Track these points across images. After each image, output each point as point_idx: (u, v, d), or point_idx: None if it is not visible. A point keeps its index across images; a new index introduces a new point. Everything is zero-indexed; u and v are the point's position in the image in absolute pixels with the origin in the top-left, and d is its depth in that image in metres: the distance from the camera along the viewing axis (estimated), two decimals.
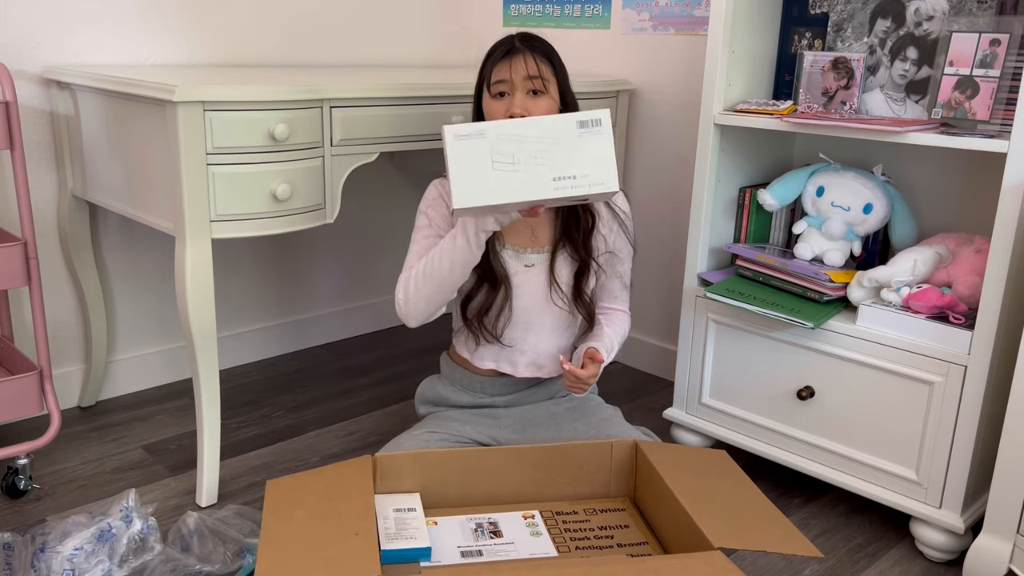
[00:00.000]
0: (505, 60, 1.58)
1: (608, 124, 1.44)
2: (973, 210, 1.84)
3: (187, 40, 2.24)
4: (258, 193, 1.66)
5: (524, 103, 1.58)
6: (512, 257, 1.69)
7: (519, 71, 1.57)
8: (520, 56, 1.58)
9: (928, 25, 1.75)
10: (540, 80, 1.58)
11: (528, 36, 1.62)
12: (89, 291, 2.13)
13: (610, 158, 1.42)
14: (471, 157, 1.39)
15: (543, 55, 1.60)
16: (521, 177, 1.39)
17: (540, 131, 1.41)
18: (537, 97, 1.59)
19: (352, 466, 1.49)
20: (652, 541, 1.48)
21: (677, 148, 2.41)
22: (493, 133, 1.39)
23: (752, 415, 1.90)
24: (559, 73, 1.62)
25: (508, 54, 1.59)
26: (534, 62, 1.58)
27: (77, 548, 1.46)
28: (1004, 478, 1.50)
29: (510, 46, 1.60)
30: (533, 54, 1.58)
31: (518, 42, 1.60)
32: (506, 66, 1.58)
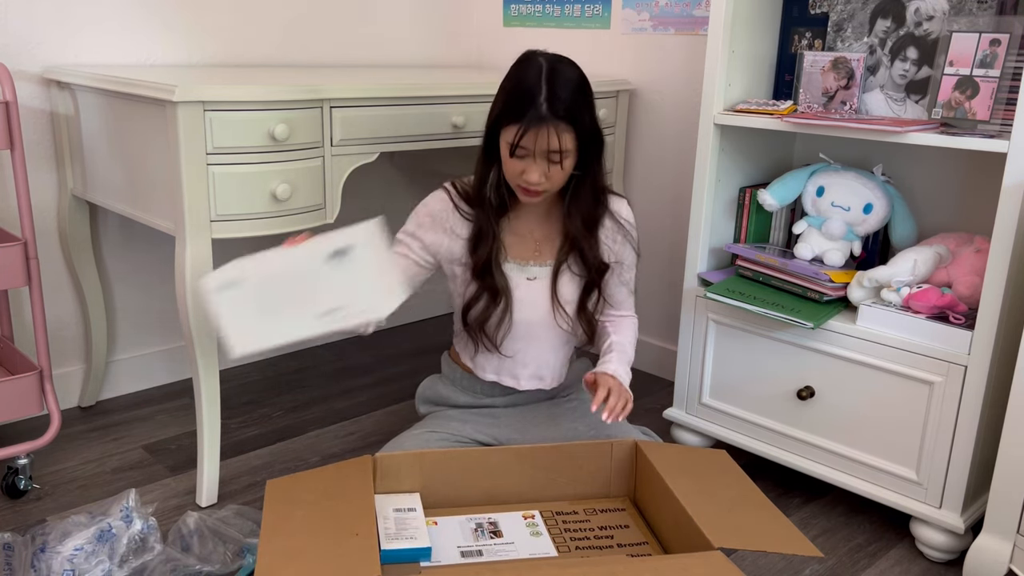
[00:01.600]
0: (529, 130, 1.49)
1: (370, 241, 1.39)
2: (973, 210, 1.84)
3: (187, 40, 2.24)
4: (258, 193, 1.66)
5: (541, 171, 1.54)
6: (514, 270, 1.67)
7: (543, 144, 1.50)
8: (546, 129, 1.49)
9: (928, 25, 1.75)
10: (561, 154, 1.52)
11: (554, 96, 1.49)
12: (89, 291, 2.13)
13: (375, 280, 1.37)
14: (235, 305, 1.34)
15: (568, 122, 1.51)
16: (288, 318, 1.34)
17: (296, 267, 1.35)
18: (554, 165, 1.54)
19: (352, 466, 1.49)
20: (652, 541, 1.48)
21: (677, 148, 2.41)
22: (251, 279, 1.34)
23: (752, 415, 1.90)
24: (581, 132, 1.53)
25: (536, 123, 1.49)
26: (557, 138, 1.50)
27: (77, 548, 1.46)
28: (1004, 478, 1.50)
29: (537, 114, 1.49)
30: (558, 127, 1.49)
31: (545, 107, 1.49)
32: (530, 136, 1.50)
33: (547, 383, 1.76)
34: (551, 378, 1.76)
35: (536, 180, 1.54)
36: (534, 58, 1.55)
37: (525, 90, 1.51)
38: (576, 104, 1.52)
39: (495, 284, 1.65)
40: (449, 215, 1.66)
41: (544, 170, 1.54)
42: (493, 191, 1.63)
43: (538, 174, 1.54)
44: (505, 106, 1.54)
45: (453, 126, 1.99)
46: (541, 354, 1.73)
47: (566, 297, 1.68)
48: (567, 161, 1.55)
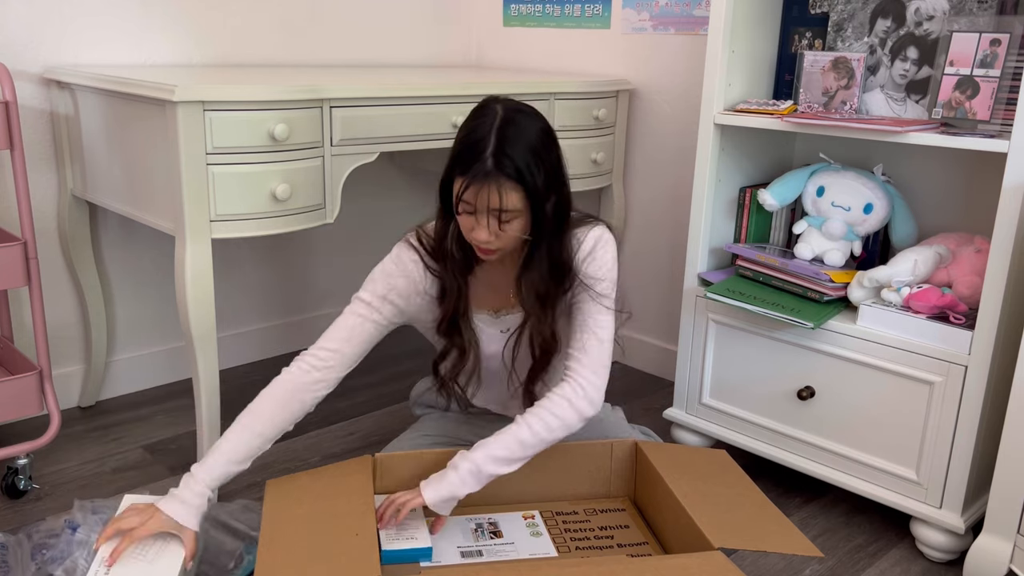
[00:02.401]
0: (473, 185, 1.35)
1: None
2: (973, 210, 1.84)
3: (187, 40, 2.24)
4: (258, 193, 1.66)
5: (488, 232, 1.38)
6: (488, 322, 1.57)
7: (484, 201, 1.35)
8: (488, 186, 1.34)
9: (928, 25, 1.75)
10: (507, 213, 1.36)
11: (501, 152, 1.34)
12: (89, 291, 2.13)
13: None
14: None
15: (515, 179, 1.35)
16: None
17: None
18: (504, 224, 1.38)
19: (352, 466, 1.49)
20: (652, 541, 1.48)
21: (677, 148, 2.41)
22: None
23: (752, 415, 1.90)
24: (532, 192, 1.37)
25: (481, 178, 1.34)
26: (499, 197, 1.34)
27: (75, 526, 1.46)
28: (1004, 478, 1.50)
29: (482, 169, 1.34)
30: (503, 186, 1.34)
31: (490, 162, 1.34)
32: (472, 191, 1.35)
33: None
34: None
35: (484, 239, 1.39)
36: (491, 106, 1.41)
37: (474, 142, 1.36)
38: (527, 161, 1.35)
39: (463, 341, 1.54)
40: (421, 275, 1.52)
41: (493, 229, 1.38)
42: (455, 244, 1.48)
43: (485, 233, 1.38)
44: (454, 157, 1.40)
45: (453, 126, 1.98)
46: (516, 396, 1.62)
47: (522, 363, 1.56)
48: (515, 222, 1.39)
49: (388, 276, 1.52)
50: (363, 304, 1.52)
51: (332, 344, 1.53)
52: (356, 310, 1.52)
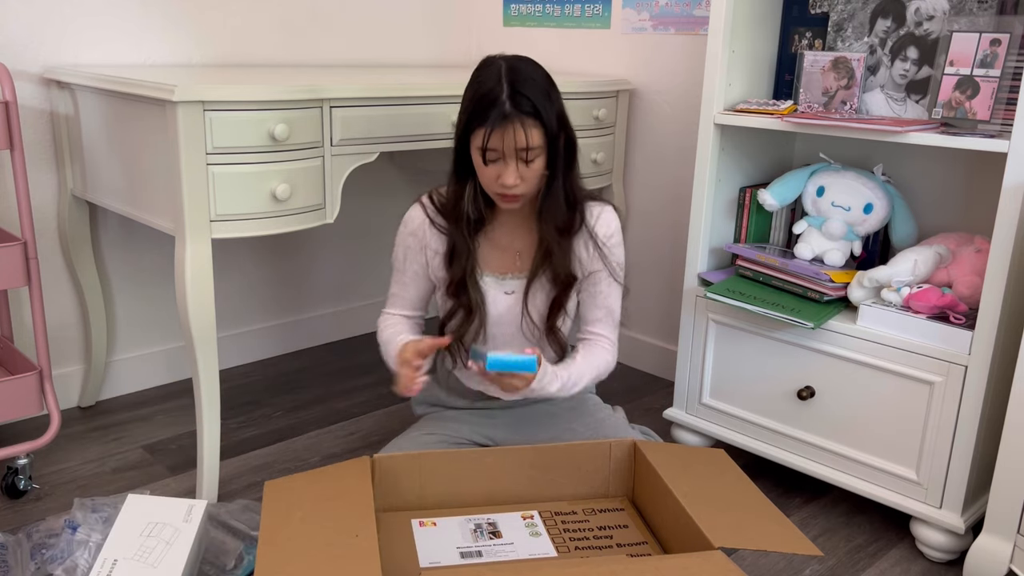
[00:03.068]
0: (496, 130, 1.47)
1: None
2: (973, 210, 1.84)
3: (187, 40, 2.24)
4: (258, 193, 1.66)
5: (516, 173, 1.51)
6: (492, 284, 1.65)
7: (511, 143, 1.48)
8: (512, 127, 1.47)
9: (928, 25, 1.75)
10: (531, 150, 1.50)
11: (516, 91, 1.47)
12: (89, 291, 2.13)
13: None
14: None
15: (534, 117, 1.48)
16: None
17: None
18: (529, 164, 1.51)
19: (351, 467, 1.48)
20: (651, 541, 1.48)
21: (677, 148, 2.41)
22: None
23: (752, 415, 1.90)
24: (549, 127, 1.51)
25: (501, 121, 1.47)
26: (524, 135, 1.48)
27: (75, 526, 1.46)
28: (1004, 478, 1.50)
29: (501, 112, 1.47)
30: (524, 123, 1.47)
31: (508, 105, 1.47)
32: (497, 136, 1.48)
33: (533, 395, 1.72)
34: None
35: (512, 182, 1.50)
36: (493, 62, 1.53)
37: (486, 93, 1.48)
38: (539, 99, 1.49)
39: (470, 301, 1.62)
40: (426, 231, 1.65)
41: (518, 171, 1.51)
42: (471, 204, 1.60)
43: (513, 176, 1.50)
44: (470, 113, 1.51)
45: (453, 126, 1.98)
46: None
47: (537, 311, 1.64)
48: (538, 159, 1.52)
49: (402, 240, 1.68)
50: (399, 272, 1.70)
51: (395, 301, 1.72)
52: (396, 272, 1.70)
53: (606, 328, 1.68)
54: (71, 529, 1.49)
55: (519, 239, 1.66)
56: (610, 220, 1.65)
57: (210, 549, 1.54)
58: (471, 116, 1.51)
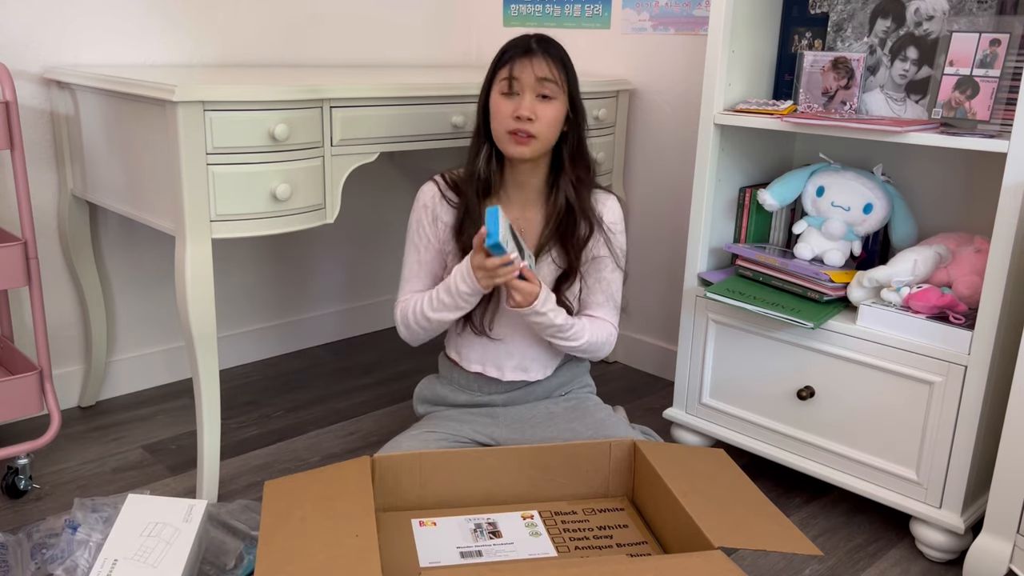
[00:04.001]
0: (520, 59, 1.58)
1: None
2: (973, 210, 1.84)
3: (187, 40, 2.24)
4: (258, 193, 1.66)
5: (533, 106, 1.58)
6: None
7: (532, 72, 1.57)
8: (535, 57, 1.58)
9: (928, 25, 1.75)
10: (553, 84, 1.58)
11: (545, 39, 1.62)
12: (89, 291, 2.13)
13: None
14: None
15: (558, 60, 1.60)
16: None
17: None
18: (546, 101, 1.59)
19: (351, 467, 1.48)
20: (651, 541, 1.48)
21: (677, 148, 2.41)
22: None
23: (752, 415, 1.90)
24: (571, 81, 1.62)
25: (524, 54, 1.58)
26: (547, 66, 1.57)
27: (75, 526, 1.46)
28: (1004, 478, 1.50)
29: (527, 47, 1.59)
30: (548, 57, 1.58)
31: (535, 43, 1.59)
32: (520, 65, 1.58)
33: (532, 375, 1.75)
34: (536, 370, 1.75)
35: (527, 112, 1.56)
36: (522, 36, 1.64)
37: (515, 42, 1.61)
38: (564, 55, 1.62)
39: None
40: (438, 204, 1.71)
41: (535, 107, 1.57)
42: (484, 164, 1.67)
43: (529, 106, 1.56)
44: (496, 63, 1.62)
45: (453, 126, 1.98)
46: (527, 342, 1.73)
47: (544, 278, 1.68)
48: (555, 103, 1.59)
49: (416, 214, 1.73)
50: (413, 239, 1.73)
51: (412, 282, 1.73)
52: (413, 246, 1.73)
53: (607, 313, 1.73)
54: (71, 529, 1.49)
55: (524, 214, 1.71)
56: (615, 208, 1.73)
57: (210, 549, 1.54)
58: (497, 63, 1.62)
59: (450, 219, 1.70)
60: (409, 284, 1.74)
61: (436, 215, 1.71)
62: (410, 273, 1.74)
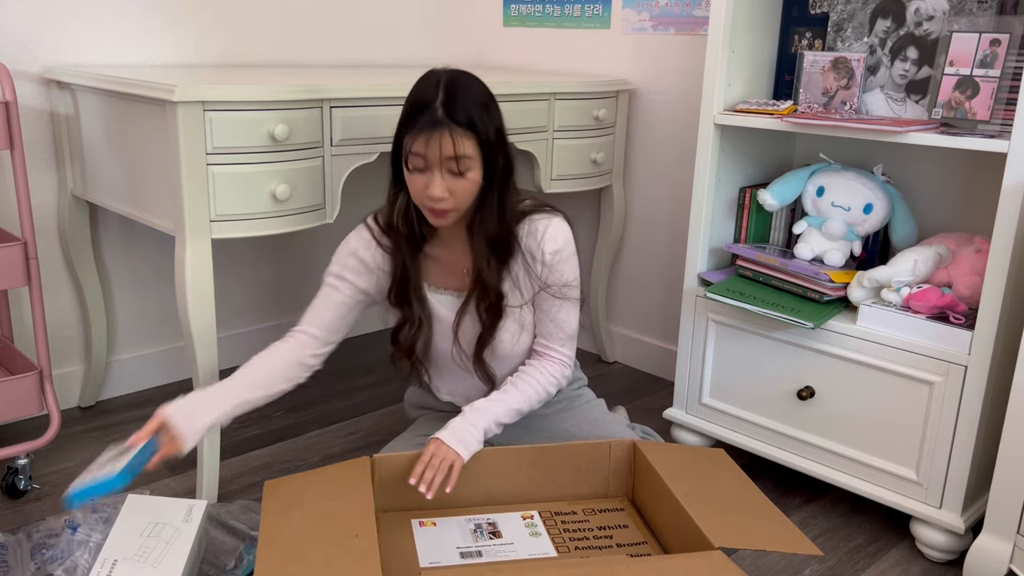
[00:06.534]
0: (426, 134, 1.40)
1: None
2: (973, 210, 1.84)
3: (187, 40, 2.24)
4: (258, 193, 1.66)
5: (443, 184, 1.42)
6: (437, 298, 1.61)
7: (437, 151, 1.40)
8: (439, 134, 1.39)
9: (928, 25, 1.75)
10: (462, 160, 1.42)
11: (451, 99, 1.41)
12: (89, 291, 2.13)
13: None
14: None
15: (467, 127, 1.41)
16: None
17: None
18: (458, 176, 1.43)
19: (350, 467, 1.48)
20: (651, 541, 1.48)
21: (677, 148, 2.41)
22: None
23: (752, 415, 1.90)
24: (485, 139, 1.43)
25: (431, 127, 1.40)
26: (451, 143, 1.40)
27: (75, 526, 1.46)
28: (1004, 478, 1.50)
29: (432, 119, 1.40)
30: (454, 132, 1.39)
31: (441, 111, 1.40)
32: (423, 141, 1.40)
33: None
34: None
35: (439, 194, 1.42)
36: (434, 73, 1.48)
37: (421, 100, 1.43)
38: (475, 110, 1.42)
39: (412, 313, 1.59)
40: (372, 252, 1.58)
41: (446, 183, 1.42)
42: (401, 217, 1.54)
43: (440, 187, 1.42)
44: (403, 120, 1.46)
45: None
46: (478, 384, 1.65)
47: (466, 339, 1.60)
48: (471, 172, 1.43)
49: (341, 256, 1.60)
50: (327, 284, 1.61)
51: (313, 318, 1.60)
52: (323, 287, 1.61)
53: (556, 342, 1.60)
54: (71, 529, 1.48)
55: (464, 256, 1.58)
56: (557, 234, 1.54)
57: (210, 549, 1.54)
58: (403, 122, 1.46)
59: (387, 265, 1.59)
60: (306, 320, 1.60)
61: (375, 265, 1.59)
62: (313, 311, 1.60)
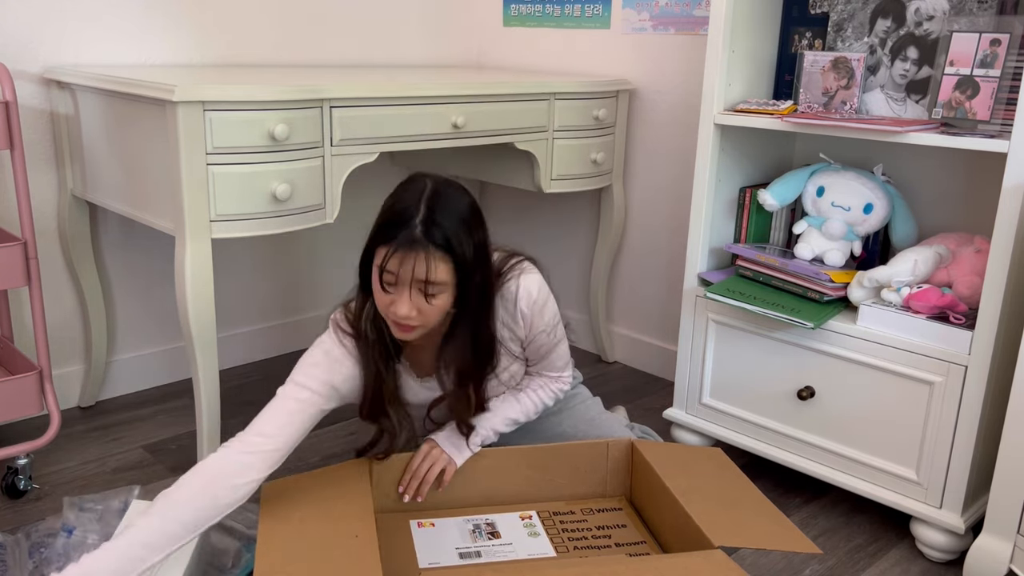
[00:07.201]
0: (398, 253, 1.30)
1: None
2: (973, 210, 1.84)
3: (187, 40, 2.24)
4: (258, 193, 1.66)
5: (411, 304, 1.32)
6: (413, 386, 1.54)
7: (409, 271, 1.30)
8: (413, 255, 1.29)
9: (928, 25, 1.75)
10: (432, 286, 1.31)
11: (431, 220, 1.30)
12: (89, 291, 2.13)
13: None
14: None
15: (444, 249, 1.30)
16: None
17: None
18: (430, 298, 1.33)
19: (349, 468, 1.49)
20: (650, 540, 1.48)
21: (677, 148, 2.41)
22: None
23: (752, 415, 1.90)
24: (460, 264, 1.33)
25: (406, 246, 1.29)
26: (426, 266, 1.29)
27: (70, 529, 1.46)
28: (1004, 478, 1.50)
29: (409, 237, 1.29)
30: (430, 255, 1.29)
31: (419, 230, 1.29)
32: (397, 259, 1.30)
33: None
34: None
35: (404, 313, 1.32)
36: (419, 179, 1.38)
37: (401, 210, 1.32)
38: (457, 231, 1.31)
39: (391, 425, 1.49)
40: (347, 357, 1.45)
41: (416, 302, 1.32)
42: (370, 324, 1.42)
43: (407, 307, 1.32)
44: (378, 226, 1.35)
45: (453, 126, 1.99)
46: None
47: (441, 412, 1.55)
48: (441, 297, 1.33)
49: (335, 361, 1.43)
50: (305, 390, 1.40)
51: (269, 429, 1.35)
52: (297, 396, 1.39)
53: (555, 371, 1.61)
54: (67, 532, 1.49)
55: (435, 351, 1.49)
56: (529, 287, 1.47)
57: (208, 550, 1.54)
58: (378, 229, 1.35)
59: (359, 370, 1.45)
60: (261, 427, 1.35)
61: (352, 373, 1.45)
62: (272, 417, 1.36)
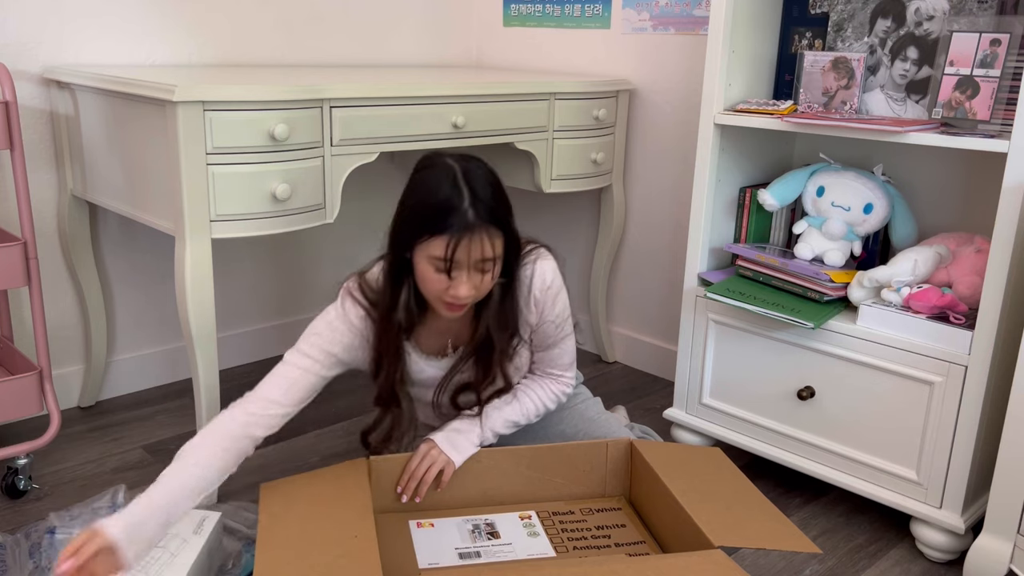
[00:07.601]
0: (453, 239, 1.31)
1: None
2: (973, 210, 1.84)
3: (187, 40, 2.24)
4: (258, 193, 1.66)
5: (471, 284, 1.36)
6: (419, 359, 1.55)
7: (466, 254, 1.33)
8: (473, 237, 1.32)
9: (928, 25, 1.75)
10: (490, 262, 1.36)
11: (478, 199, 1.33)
12: (89, 291, 2.13)
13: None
14: None
15: (498, 226, 1.35)
16: None
17: None
18: (485, 275, 1.37)
19: (348, 468, 1.48)
20: (649, 540, 1.48)
21: (677, 148, 2.41)
22: None
23: (752, 415, 1.90)
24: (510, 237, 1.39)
25: (465, 230, 1.31)
26: (490, 244, 1.34)
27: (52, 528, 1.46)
28: (1004, 478, 1.50)
29: (464, 221, 1.31)
30: (489, 232, 1.33)
31: (471, 213, 1.32)
32: (453, 245, 1.32)
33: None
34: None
35: (466, 294, 1.35)
36: (440, 162, 1.38)
37: (445, 199, 1.33)
38: (498, 203, 1.36)
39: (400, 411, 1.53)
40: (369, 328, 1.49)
41: (473, 281, 1.36)
42: (404, 312, 1.45)
43: (467, 287, 1.35)
44: (421, 220, 1.35)
45: (453, 126, 1.99)
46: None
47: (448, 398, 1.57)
48: (496, 268, 1.39)
49: (335, 332, 1.49)
50: (307, 358, 1.46)
51: (273, 394, 1.43)
52: (299, 363, 1.46)
53: (558, 368, 1.63)
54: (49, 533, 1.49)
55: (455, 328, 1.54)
56: (545, 272, 1.50)
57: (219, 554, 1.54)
58: (423, 222, 1.34)
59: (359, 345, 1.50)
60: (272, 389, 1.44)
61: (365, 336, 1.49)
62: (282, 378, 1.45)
